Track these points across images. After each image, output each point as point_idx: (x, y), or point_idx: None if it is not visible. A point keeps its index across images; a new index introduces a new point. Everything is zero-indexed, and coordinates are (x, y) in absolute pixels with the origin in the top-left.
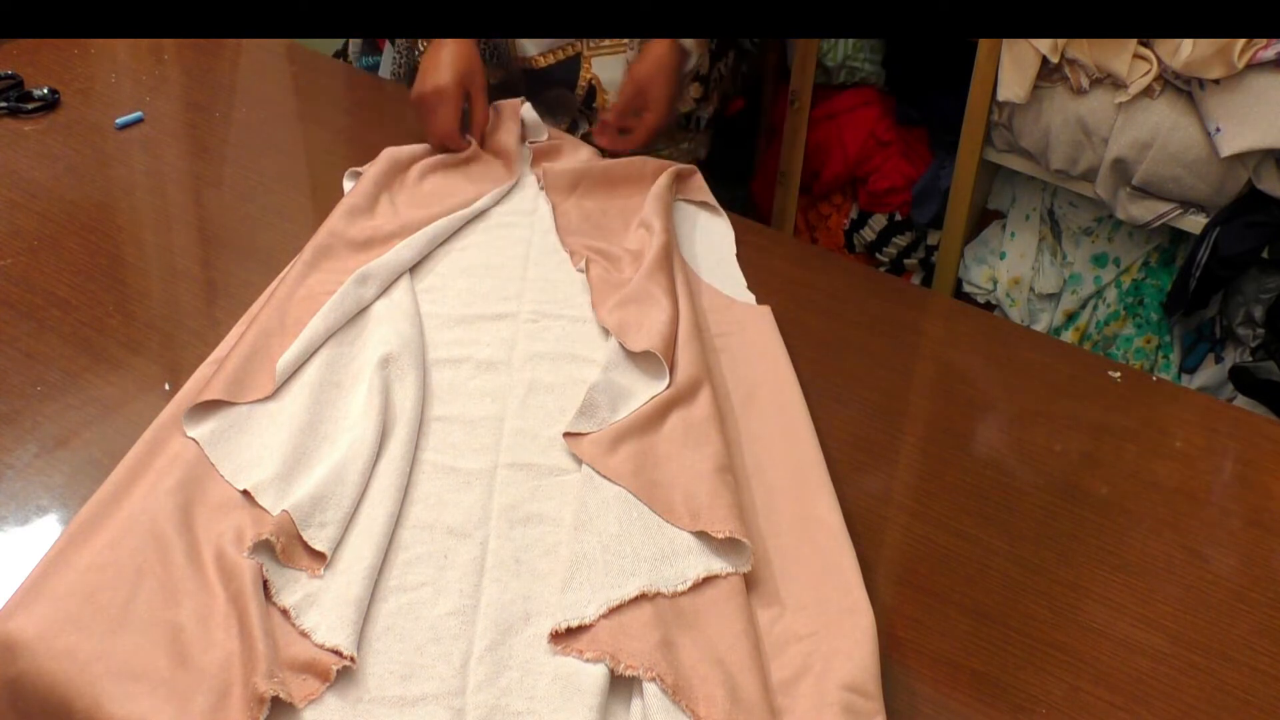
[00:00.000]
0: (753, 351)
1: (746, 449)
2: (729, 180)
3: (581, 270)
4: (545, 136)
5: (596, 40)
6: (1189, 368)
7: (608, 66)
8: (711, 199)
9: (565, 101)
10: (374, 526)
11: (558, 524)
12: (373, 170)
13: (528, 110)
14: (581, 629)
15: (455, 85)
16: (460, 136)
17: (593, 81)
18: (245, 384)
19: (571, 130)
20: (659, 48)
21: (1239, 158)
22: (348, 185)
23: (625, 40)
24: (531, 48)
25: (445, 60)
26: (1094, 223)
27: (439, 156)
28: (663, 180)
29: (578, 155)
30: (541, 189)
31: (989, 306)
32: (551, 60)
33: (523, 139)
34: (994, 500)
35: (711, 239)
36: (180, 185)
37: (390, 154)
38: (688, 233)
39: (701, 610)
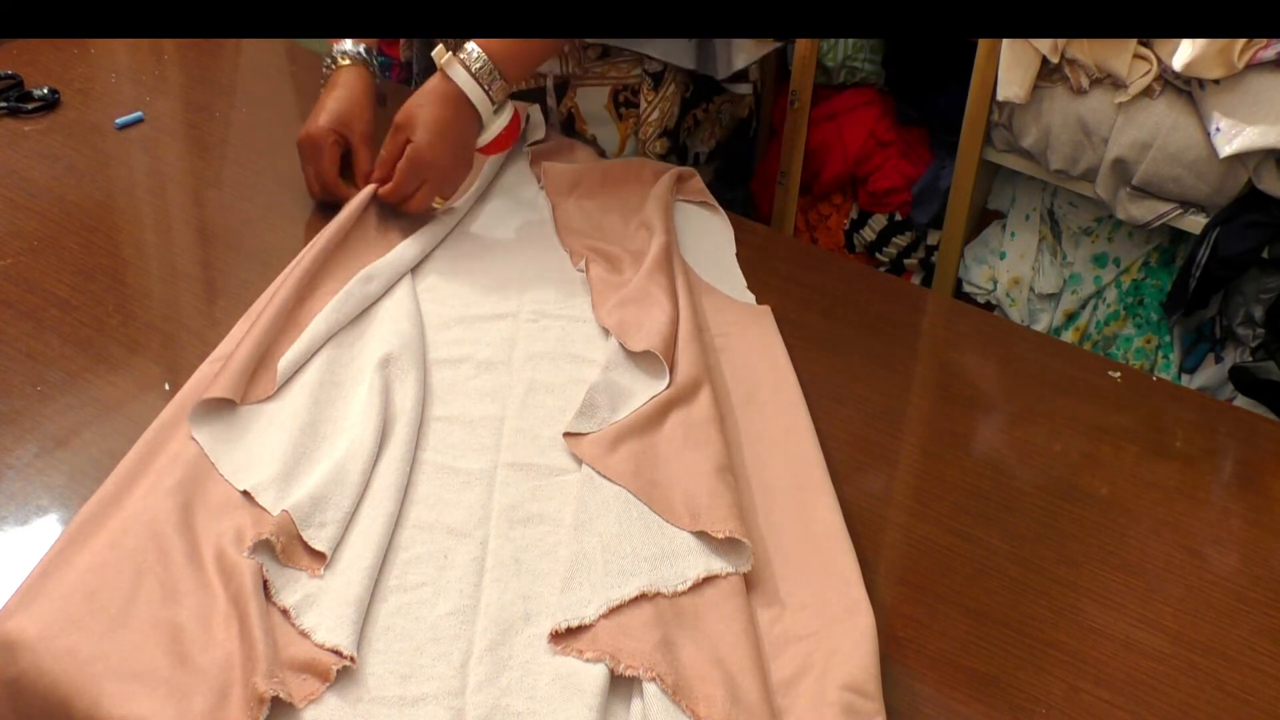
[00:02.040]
0: (753, 351)
1: (746, 449)
2: (729, 180)
3: (581, 270)
4: (544, 135)
5: (582, 69)
6: (1189, 368)
7: (589, 97)
8: (711, 199)
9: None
10: (374, 526)
11: (558, 524)
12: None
13: (535, 112)
14: (581, 629)
15: (327, 132)
16: (340, 185)
17: (572, 110)
18: (246, 384)
19: None
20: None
21: (1239, 158)
22: None
23: (612, 71)
24: None
25: (327, 104)
26: (1094, 223)
27: None
28: (663, 181)
29: (577, 155)
30: (541, 189)
31: (989, 306)
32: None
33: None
34: (994, 500)
35: (711, 239)
36: (180, 185)
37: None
38: (688, 232)
39: (701, 610)
